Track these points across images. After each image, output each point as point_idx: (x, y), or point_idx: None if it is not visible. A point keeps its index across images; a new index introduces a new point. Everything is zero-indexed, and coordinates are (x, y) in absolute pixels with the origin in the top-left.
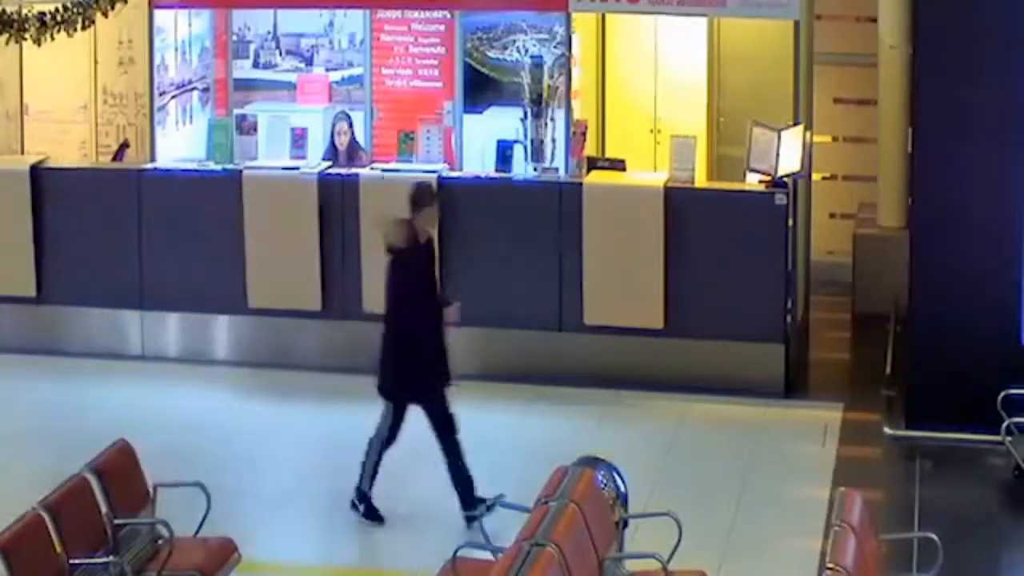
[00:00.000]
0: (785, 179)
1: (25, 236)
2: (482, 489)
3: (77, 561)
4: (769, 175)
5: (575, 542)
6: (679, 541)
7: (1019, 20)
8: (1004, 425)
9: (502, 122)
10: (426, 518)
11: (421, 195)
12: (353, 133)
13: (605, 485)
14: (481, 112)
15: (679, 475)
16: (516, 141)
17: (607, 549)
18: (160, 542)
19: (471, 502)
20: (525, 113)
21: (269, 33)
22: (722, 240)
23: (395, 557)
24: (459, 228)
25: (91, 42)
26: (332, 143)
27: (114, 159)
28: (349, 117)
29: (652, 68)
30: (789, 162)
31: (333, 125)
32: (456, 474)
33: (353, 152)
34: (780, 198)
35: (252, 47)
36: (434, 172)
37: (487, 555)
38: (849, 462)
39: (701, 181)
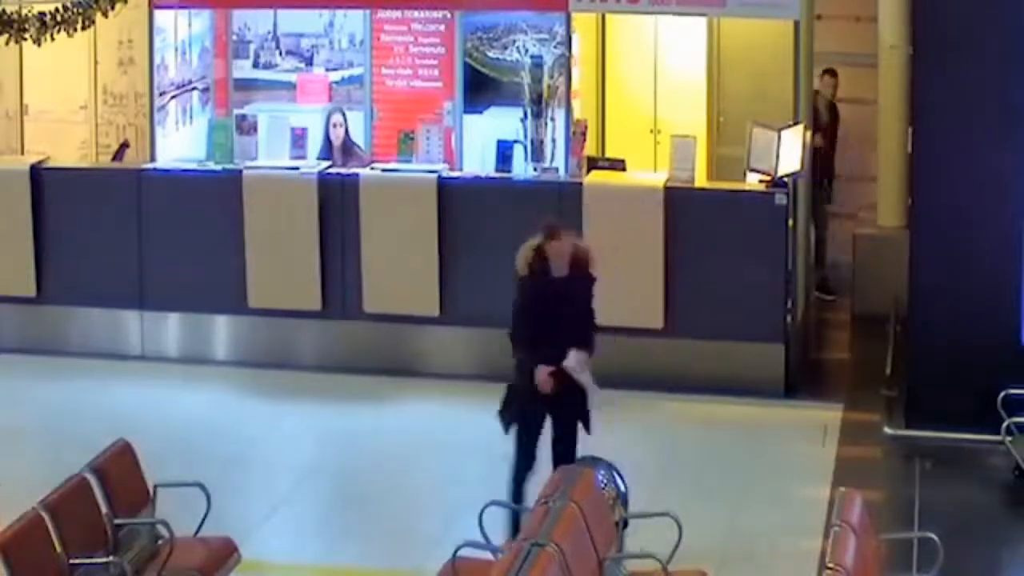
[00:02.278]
0: (785, 179)
1: (25, 236)
2: (481, 490)
3: (77, 561)
4: (769, 175)
5: (575, 542)
6: (679, 541)
7: (1019, 20)
8: (1004, 425)
9: (502, 122)
10: (426, 518)
11: (548, 225)
12: (348, 130)
13: (605, 485)
14: (481, 112)
15: (679, 475)
16: (516, 141)
17: (607, 549)
18: (160, 542)
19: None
20: (525, 113)
21: (269, 33)
22: (722, 240)
23: (395, 557)
24: (459, 228)
25: (91, 42)
26: (327, 137)
27: (114, 159)
28: (343, 111)
29: (652, 68)
30: (789, 162)
31: (328, 117)
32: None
33: (348, 149)
34: (780, 198)
35: (252, 47)
36: (434, 172)
37: (487, 555)
38: (849, 462)
39: (701, 181)
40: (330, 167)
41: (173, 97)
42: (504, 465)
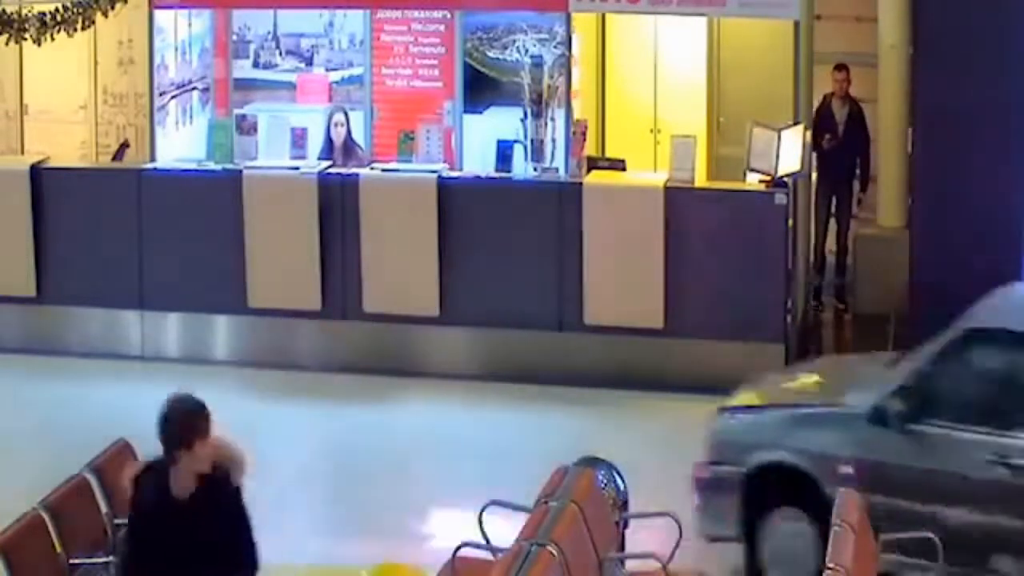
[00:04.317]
0: (785, 179)
1: (25, 236)
2: (481, 490)
3: (77, 561)
4: (769, 175)
5: (575, 542)
6: (679, 541)
7: (1018, 20)
8: None
9: (502, 122)
10: (426, 518)
11: (173, 425)
12: (349, 130)
13: (605, 485)
14: (481, 112)
15: (679, 475)
16: (516, 141)
17: (607, 549)
18: None
19: None
20: (525, 113)
21: (269, 33)
22: (722, 240)
23: (395, 557)
24: (459, 228)
25: (91, 42)
26: (328, 136)
27: (114, 159)
28: (345, 110)
29: (652, 68)
30: (789, 162)
31: (329, 117)
32: None
33: (349, 149)
34: (780, 198)
35: (252, 47)
36: (434, 172)
37: (487, 555)
38: None
39: (701, 181)
40: (330, 167)
41: (173, 97)
42: (510, 464)
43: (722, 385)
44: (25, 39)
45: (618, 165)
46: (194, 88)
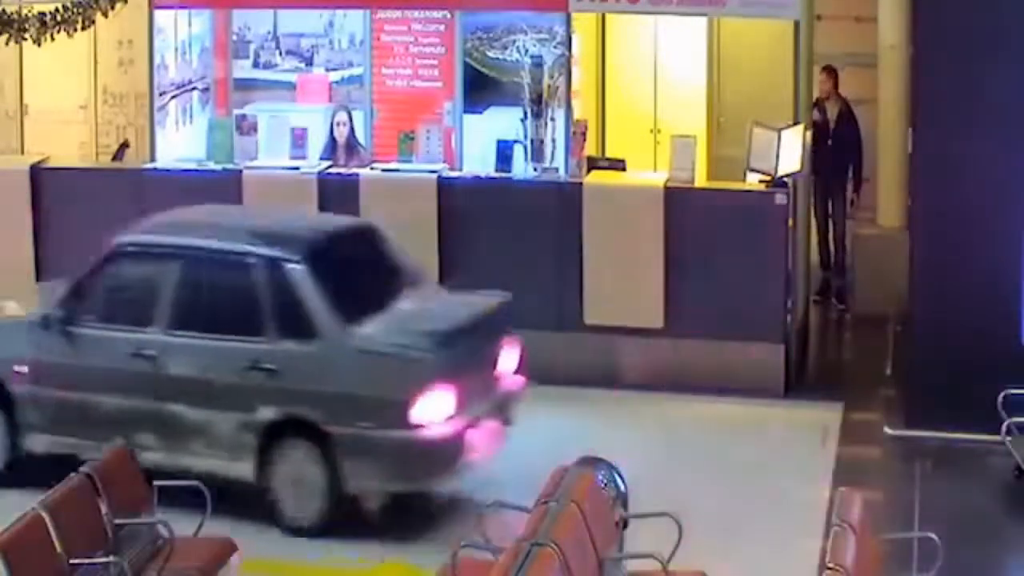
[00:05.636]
0: (785, 179)
1: (25, 236)
2: (482, 490)
3: (77, 561)
4: (769, 175)
5: (575, 542)
6: (679, 541)
7: (1018, 20)
8: (1004, 425)
9: (502, 122)
10: (426, 518)
11: None
12: (352, 129)
13: (605, 485)
14: (481, 112)
15: (679, 475)
16: (516, 141)
17: (607, 549)
18: (160, 542)
19: None
20: (525, 113)
21: (269, 33)
22: (722, 240)
23: (395, 556)
24: (459, 228)
25: (91, 42)
26: (331, 135)
27: (114, 159)
28: (348, 109)
29: (652, 68)
30: (789, 162)
31: (332, 115)
32: None
33: (352, 148)
34: (780, 198)
35: (252, 47)
36: (434, 172)
37: (487, 555)
38: (849, 462)
39: (701, 181)
40: (330, 167)
41: (173, 97)
42: (511, 464)
43: (722, 385)
44: (25, 39)
45: (618, 165)
46: (194, 88)
